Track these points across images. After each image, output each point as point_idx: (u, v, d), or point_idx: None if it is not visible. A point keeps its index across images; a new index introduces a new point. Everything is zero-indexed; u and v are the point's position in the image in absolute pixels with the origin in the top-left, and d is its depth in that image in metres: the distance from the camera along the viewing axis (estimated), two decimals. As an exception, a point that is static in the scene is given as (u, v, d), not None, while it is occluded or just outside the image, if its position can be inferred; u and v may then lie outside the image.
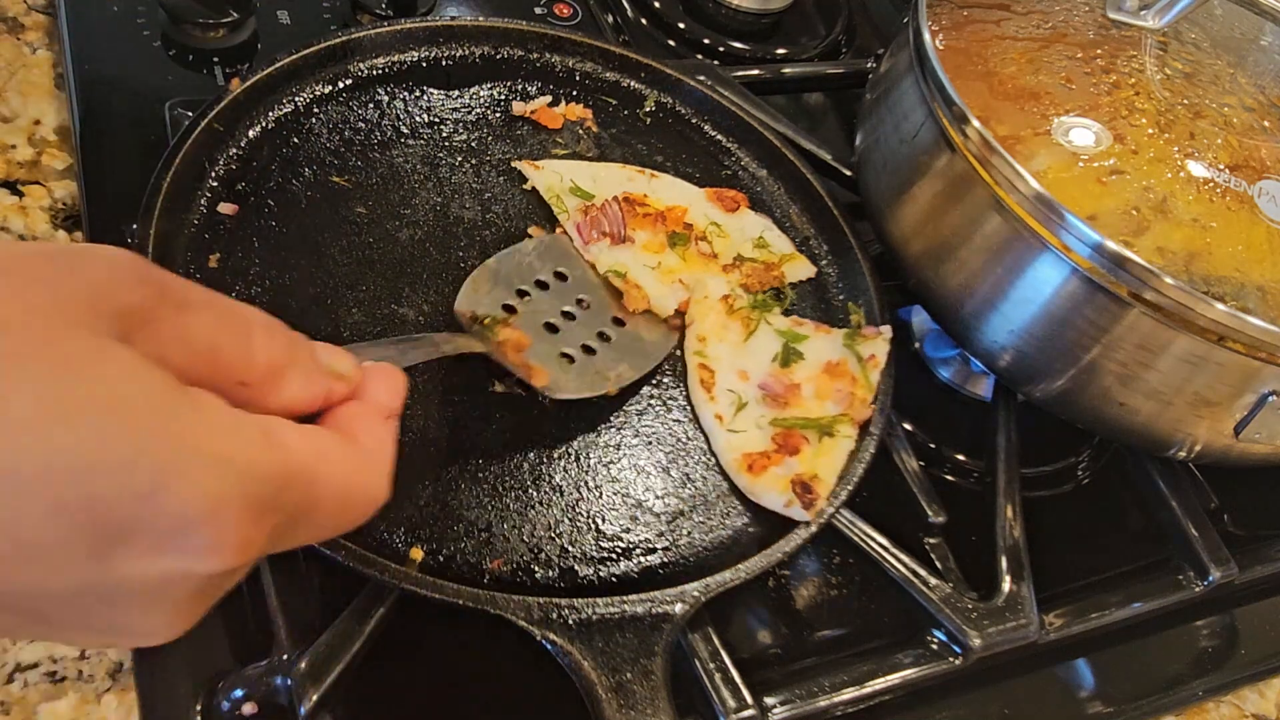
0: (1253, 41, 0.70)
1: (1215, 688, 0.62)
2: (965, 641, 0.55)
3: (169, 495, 0.28)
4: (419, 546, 0.51)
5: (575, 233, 0.65)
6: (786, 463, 0.58)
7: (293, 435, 0.32)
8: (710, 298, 0.65)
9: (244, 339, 0.33)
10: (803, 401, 0.61)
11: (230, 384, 0.33)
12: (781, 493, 0.57)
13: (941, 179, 0.60)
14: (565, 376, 0.58)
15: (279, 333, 0.35)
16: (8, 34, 0.74)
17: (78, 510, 0.27)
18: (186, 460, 0.28)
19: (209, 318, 0.32)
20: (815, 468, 0.58)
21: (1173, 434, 0.58)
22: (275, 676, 0.47)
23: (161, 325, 0.31)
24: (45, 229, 0.64)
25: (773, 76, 0.86)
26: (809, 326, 0.65)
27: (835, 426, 0.60)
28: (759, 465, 0.58)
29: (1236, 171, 0.59)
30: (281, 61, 0.66)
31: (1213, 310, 0.51)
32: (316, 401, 0.36)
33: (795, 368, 0.63)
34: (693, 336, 0.64)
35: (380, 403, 0.38)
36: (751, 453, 0.58)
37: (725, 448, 0.59)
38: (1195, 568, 0.65)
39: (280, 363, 0.34)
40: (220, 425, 0.30)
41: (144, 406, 0.28)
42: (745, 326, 0.64)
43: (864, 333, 0.65)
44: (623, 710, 0.46)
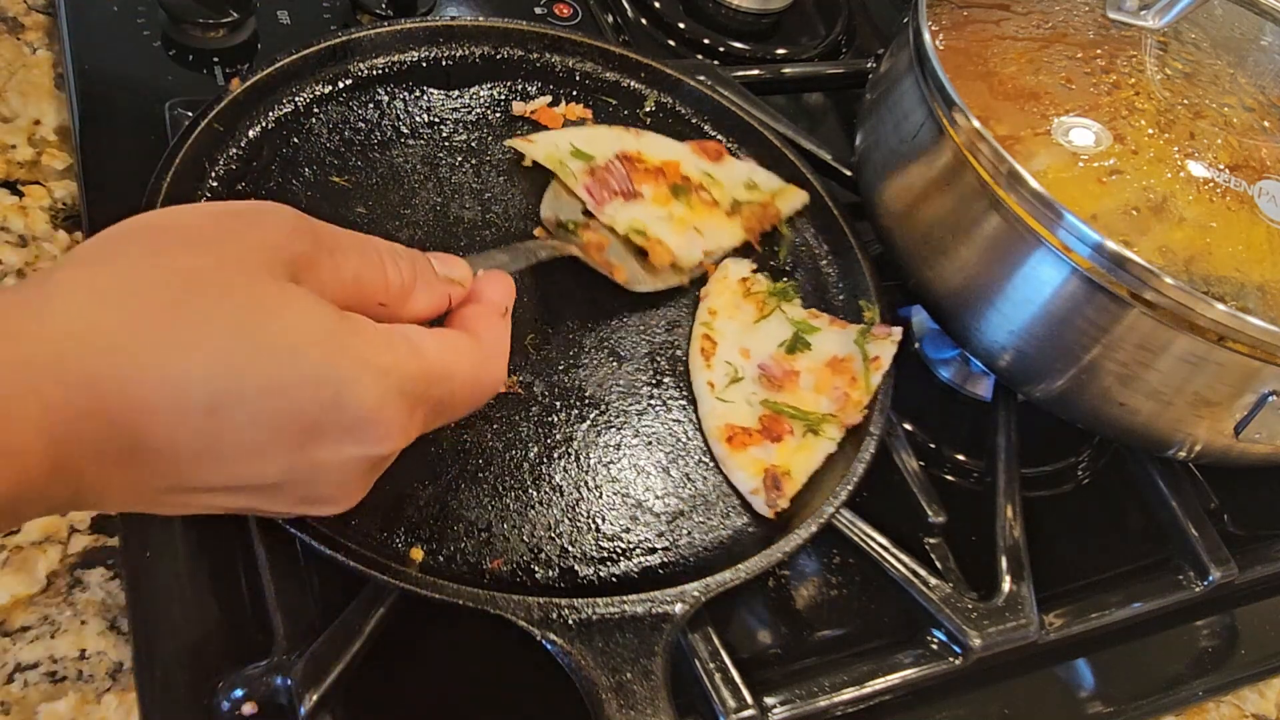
0: (1253, 41, 0.70)
1: (1215, 688, 0.62)
2: (965, 641, 0.55)
3: (348, 401, 0.36)
4: (419, 546, 0.51)
5: (586, 195, 0.65)
6: (766, 447, 0.59)
7: (429, 341, 0.39)
8: (730, 278, 0.66)
9: (380, 268, 0.40)
10: (798, 391, 0.62)
11: (373, 305, 0.40)
12: (752, 476, 0.57)
13: (941, 179, 0.60)
14: (641, 272, 0.63)
15: (404, 257, 0.42)
16: (8, 34, 0.74)
17: (285, 418, 0.35)
18: (357, 373, 0.36)
19: (353, 255, 0.40)
20: (790, 463, 0.58)
21: (1173, 434, 0.58)
22: (275, 676, 0.47)
23: (321, 267, 0.38)
24: (45, 229, 0.64)
25: (773, 76, 0.86)
26: (824, 320, 0.66)
27: (822, 426, 0.60)
28: (739, 440, 0.59)
29: (1236, 171, 0.59)
30: (281, 61, 0.65)
31: (1213, 310, 0.51)
32: (441, 307, 0.43)
33: (799, 356, 0.64)
34: (704, 309, 0.65)
35: (494, 301, 0.45)
36: (735, 425, 0.59)
37: (709, 413, 0.60)
38: (1195, 568, 0.64)
39: (409, 282, 0.41)
40: (376, 342, 0.37)
41: (321, 334, 0.35)
42: (759, 309, 0.65)
43: (875, 331, 0.65)
44: (623, 710, 0.46)
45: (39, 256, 0.63)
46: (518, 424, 0.57)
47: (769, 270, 0.69)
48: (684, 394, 0.62)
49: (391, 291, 0.41)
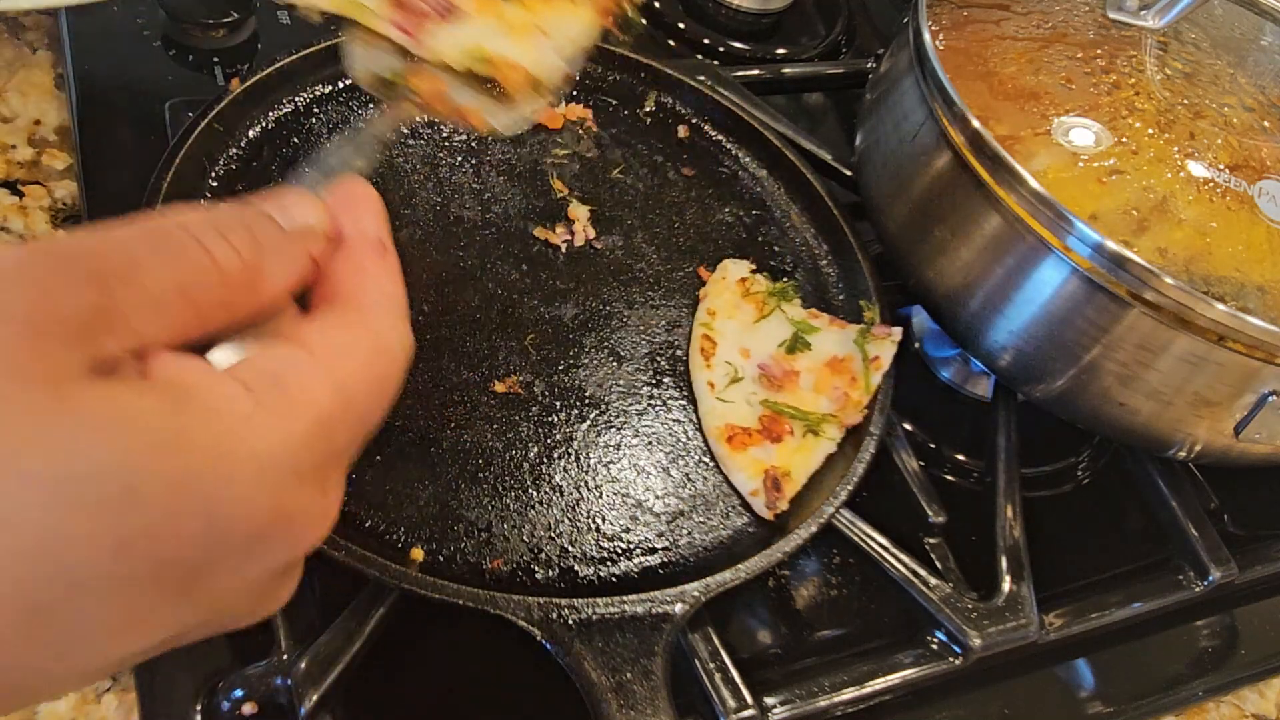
0: (1253, 41, 0.70)
1: (1215, 688, 0.62)
2: (965, 641, 0.55)
3: (225, 523, 0.26)
4: (419, 546, 0.51)
5: (396, 31, 0.51)
6: (766, 448, 0.59)
7: (306, 370, 0.29)
8: (728, 279, 0.66)
9: (202, 259, 0.28)
10: (798, 391, 0.62)
11: (215, 310, 0.29)
12: (752, 478, 0.57)
13: (941, 179, 0.60)
14: (498, 105, 0.49)
15: (233, 226, 0.29)
16: (8, 34, 0.74)
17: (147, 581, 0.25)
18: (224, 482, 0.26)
19: (159, 262, 0.27)
20: (790, 464, 0.58)
21: (1173, 434, 0.58)
22: (275, 676, 0.47)
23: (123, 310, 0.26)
24: (45, 229, 0.64)
25: (773, 76, 0.86)
26: (824, 320, 0.66)
27: (822, 426, 0.60)
28: (739, 441, 0.59)
29: (1236, 171, 0.59)
30: (281, 61, 0.66)
31: (1213, 310, 0.51)
32: (305, 272, 0.31)
33: (799, 356, 0.64)
34: (703, 310, 0.65)
35: (365, 237, 0.33)
36: (735, 426, 0.59)
37: (709, 413, 0.60)
38: (1195, 568, 0.64)
39: (251, 257, 0.29)
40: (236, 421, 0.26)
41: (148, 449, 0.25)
42: (759, 309, 0.65)
43: (875, 331, 0.65)
44: (623, 710, 0.46)
45: (39, 256, 0.63)
46: (518, 424, 0.57)
47: (769, 270, 0.69)
48: (684, 394, 0.62)
49: (231, 281, 0.29)
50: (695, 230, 0.70)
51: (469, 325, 0.61)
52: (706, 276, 0.67)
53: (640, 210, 0.70)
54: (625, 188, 0.71)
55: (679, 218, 0.71)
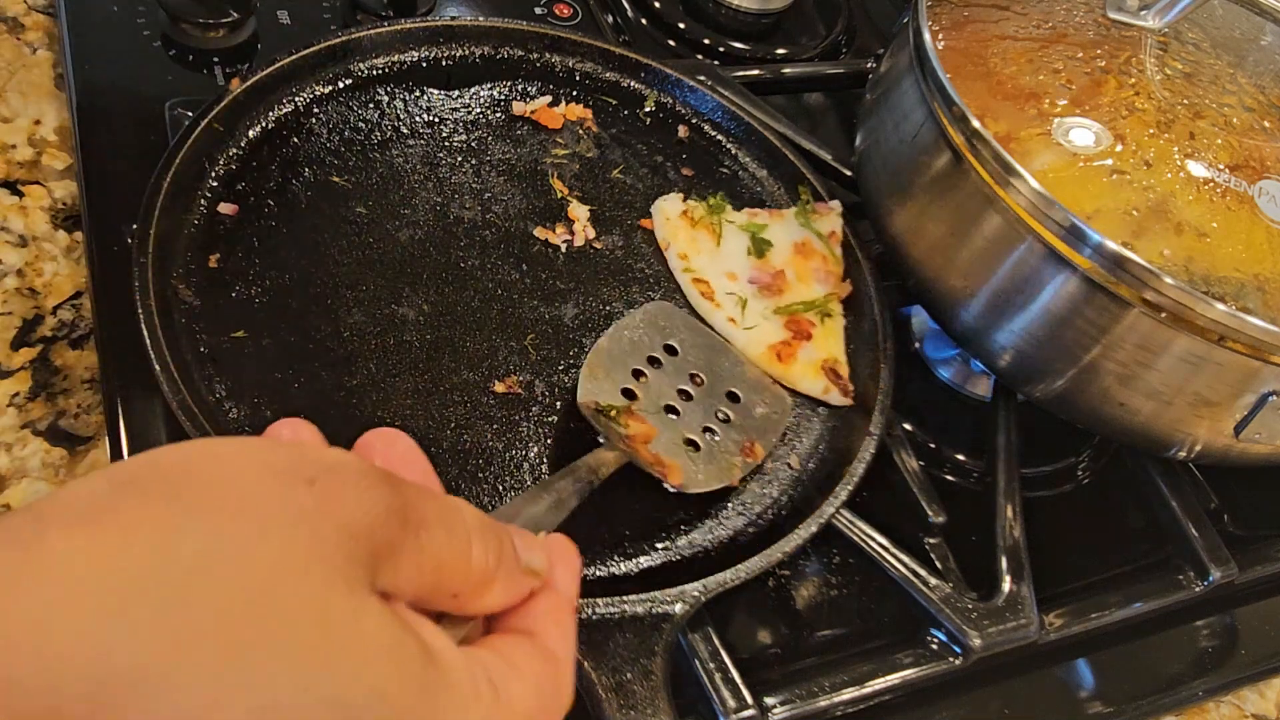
0: (1253, 41, 0.70)
1: (1215, 688, 0.62)
2: (965, 641, 0.55)
3: None
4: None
5: None
6: (805, 348, 0.63)
7: (515, 687, 0.31)
8: (672, 218, 0.68)
9: (465, 551, 0.32)
10: (791, 286, 0.66)
11: (446, 595, 0.32)
12: (816, 379, 0.63)
13: (941, 179, 0.60)
14: (695, 468, 0.56)
15: (491, 537, 0.33)
16: (8, 34, 0.74)
17: None
18: None
19: (439, 535, 0.31)
20: (830, 350, 0.64)
21: (1173, 434, 0.58)
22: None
23: (404, 555, 0.29)
24: (45, 229, 0.64)
25: (773, 76, 0.86)
26: (763, 214, 0.70)
27: (829, 305, 0.66)
28: (786, 354, 0.63)
29: (1236, 171, 0.59)
30: (281, 61, 0.66)
31: (1213, 310, 0.51)
32: (515, 602, 0.34)
33: (770, 256, 0.68)
34: (674, 257, 0.67)
35: (567, 594, 0.37)
36: (774, 343, 0.63)
37: (748, 345, 0.63)
38: (1195, 568, 0.64)
39: (492, 569, 0.33)
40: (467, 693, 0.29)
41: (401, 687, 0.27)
42: (712, 233, 0.68)
43: (816, 208, 0.69)
44: (623, 710, 0.46)
45: (39, 256, 0.63)
46: (518, 424, 0.57)
47: (694, 192, 0.71)
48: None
49: (471, 580, 0.32)
50: (695, 230, 0.70)
51: (469, 325, 0.60)
52: (649, 225, 0.69)
53: (640, 210, 0.70)
54: (625, 188, 0.71)
55: (679, 218, 0.71)
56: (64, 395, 0.57)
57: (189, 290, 0.56)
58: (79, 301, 0.62)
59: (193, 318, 0.55)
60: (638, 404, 0.57)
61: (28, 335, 0.59)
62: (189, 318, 0.55)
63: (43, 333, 0.60)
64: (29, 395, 0.57)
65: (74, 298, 0.62)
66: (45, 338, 0.60)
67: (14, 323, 0.60)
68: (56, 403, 0.57)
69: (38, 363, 0.58)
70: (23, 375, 0.58)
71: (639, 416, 0.56)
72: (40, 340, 0.59)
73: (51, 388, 0.58)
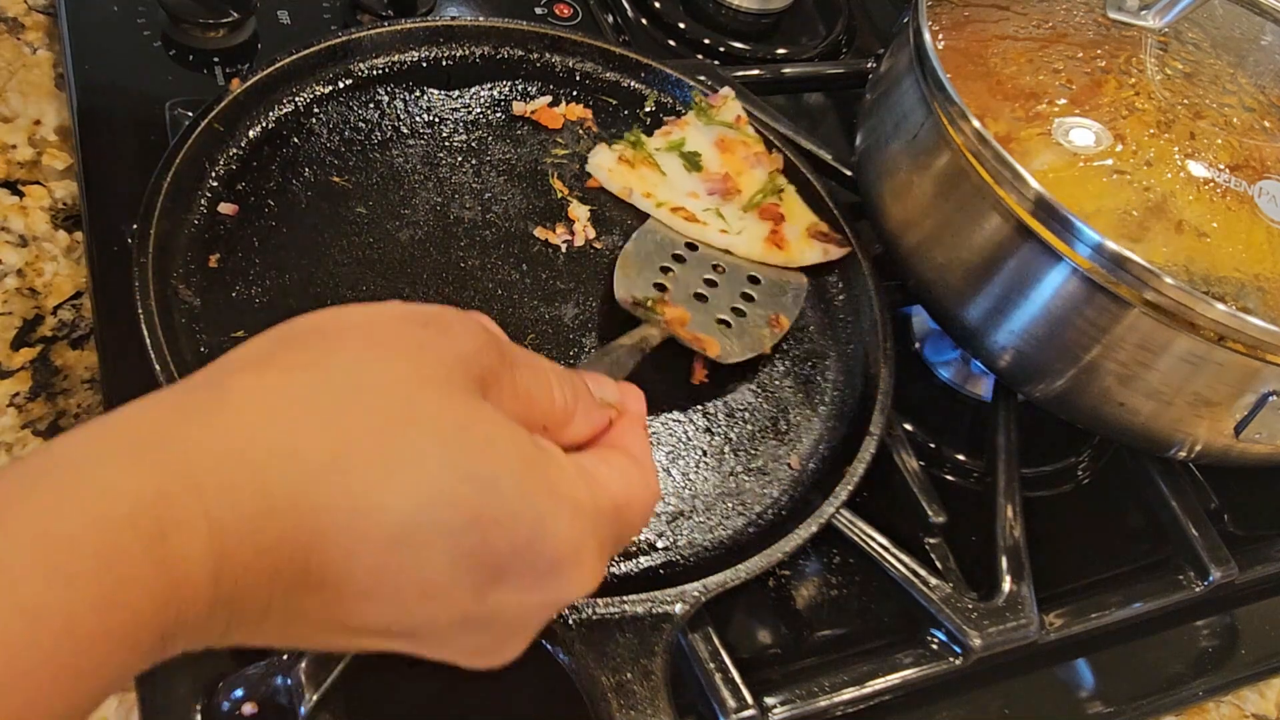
0: (1253, 41, 0.70)
1: (1215, 688, 0.62)
2: (965, 641, 0.55)
3: (544, 543, 0.32)
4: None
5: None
6: (787, 226, 0.68)
7: (603, 471, 0.37)
8: (613, 168, 0.70)
9: (548, 388, 0.37)
10: (738, 181, 0.70)
11: (537, 428, 0.37)
12: (813, 247, 0.68)
13: (941, 179, 0.60)
14: (729, 342, 0.62)
15: (566, 378, 0.39)
16: (8, 34, 0.74)
17: (473, 558, 0.31)
18: (555, 511, 0.33)
19: (527, 372, 0.36)
20: (805, 218, 0.70)
21: (1173, 434, 0.58)
22: (275, 676, 0.47)
23: (503, 383, 0.35)
24: (45, 229, 0.64)
25: (773, 76, 0.86)
26: (672, 129, 0.72)
27: (776, 182, 0.70)
28: (777, 239, 0.67)
29: (1236, 171, 0.59)
30: (281, 61, 0.65)
31: (1213, 310, 0.51)
32: (597, 432, 0.41)
33: (704, 164, 0.70)
34: (640, 199, 0.69)
35: (639, 414, 0.43)
36: (765, 236, 0.67)
37: (747, 246, 0.67)
38: (1195, 568, 0.64)
39: (572, 405, 0.38)
40: (567, 473, 0.34)
41: (519, 463, 0.32)
42: (653, 166, 0.70)
43: (711, 101, 0.72)
44: (623, 710, 0.46)
45: (39, 256, 0.63)
46: (518, 424, 0.57)
47: (615, 134, 0.73)
48: (683, 394, 0.62)
49: (555, 414, 0.38)
50: (695, 230, 0.70)
51: (469, 325, 0.60)
52: (597, 183, 0.70)
53: (640, 210, 0.70)
54: (625, 188, 0.71)
55: (679, 218, 0.71)
56: (64, 395, 0.57)
57: (189, 290, 0.56)
58: (79, 301, 0.62)
59: (193, 318, 0.55)
60: (669, 294, 0.63)
61: (28, 335, 0.59)
62: (189, 318, 0.55)
63: (43, 333, 0.60)
64: (29, 395, 0.57)
65: (74, 298, 0.62)
66: (45, 338, 0.60)
67: (14, 323, 0.60)
68: (56, 403, 0.57)
69: (38, 363, 0.58)
70: (23, 375, 0.58)
71: (672, 304, 0.62)
72: (40, 340, 0.59)
73: (51, 388, 0.58)
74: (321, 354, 0.32)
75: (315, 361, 0.31)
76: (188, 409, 0.29)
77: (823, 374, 0.66)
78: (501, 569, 0.32)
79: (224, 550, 0.27)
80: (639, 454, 0.40)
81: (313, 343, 0.32)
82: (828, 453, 0.61)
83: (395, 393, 0.31)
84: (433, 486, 0.30)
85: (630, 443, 0.40)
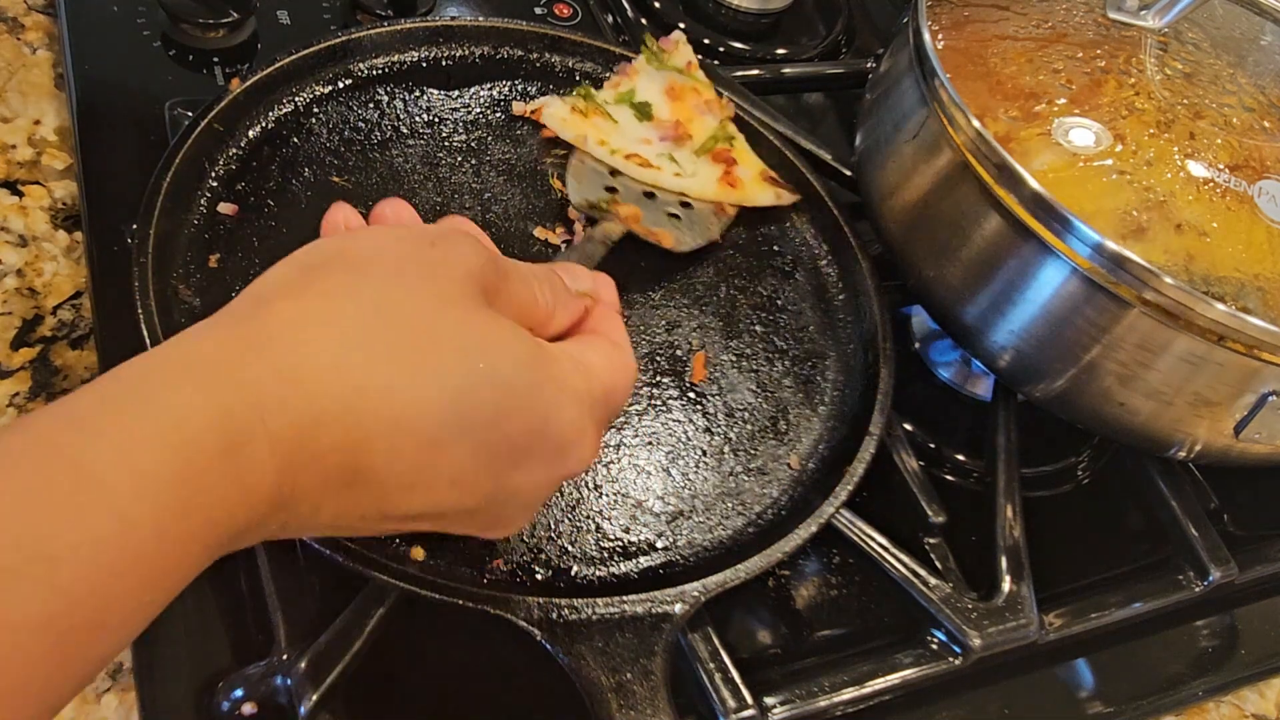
0: (1253, 41, 0.70)
1: (1215, 688, 0.62)
2: (965, 641, 0.55)
3: (554, 427, 0.37)
4: (419, 546, 0.51)
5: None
6: (738, 168, 0.69)
7: (591, 357, 0.41)
8: (567, 118, 0.71)
9: (533, 291, 0.42)
10: (689, 127, 0.70)
11: (528, 327, 0.40)
12: (762, 189, 0.69)
13: (941, 179, 0.60)
14: (681, 233, 0.66)
15: (546, 278, 0.43)
16: (8, 34, 0.74)
17: (498, 448, 0.36)
18: (560, 399, 0.38)
19: (517, 280, 0.41)
20: (756, 164, 0.71)
21: (1173, 434, 0.58)
22: (275, 676, 0.47)
23: (501, 294, 0.39)
24: (45, 229, 0.64)
25: (773, 76, 0.86)
26: (618, 76, 0.73)
27: (727, 129, 0.71)
28: (730, 180, 0.68)
29: (1236, 171, 0.59)
30: (281, 61, 0.65)
31: (1213, 310, 0.51)
32: (576, 322, 0.44)
33: (655, 113, 0.71)
34: (595, 147, 0.69)
35: (613, 301, 0.47)
36: (719, 178, 0.68)
37: (701, 188, 0.68)
38: (1195, 568, 0.64)
39: (552, 303, 0.43)
40: (565, 367, 0.39)
41: (528, 361, 0.37)
42: (605, 116, 0.71)
43: (661, 45, 0.73)
44: (623, 710, 0.46)
45: (39, 256, 0.63)
46: (518, 424, 0.57)
47: (566, 89, 0.73)
48: (684, 394, 0.62)
49: (539, 314, 0.42)
50: (695, 230, 0.70)
51: (469, 325, 0.61)
52: (551, 132, 0.71)
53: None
54: (625, 188, 0.71)
55: (679, 218, 0.71)
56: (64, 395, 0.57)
57: (189, 290, 0.56)
58: (79, 301, 0.62)
59: (193, 318, 0.55)
60: (619, 195, 0.66)
61: (28, 335, 0.59)
62: (189, 318, 0.55)
63: (43, 333, 0.60)
64: (29, 395, 0.57)
65: (74, 298, 0.62)
66: (45, 338, 0.60)
67: (14, 323, 0.60)
68: (56, 403, 0.57)
69: (38, 363, 0.58)
70: (23, 375, 0.58)
71: (624, 203, 0.65)
72: (40, 340, 0.59)
73: (51, 388, 0.58)
74: (351, 280, 0.35)
75: (347, 288, 0.35)
76: (242, 338, 0.33)
77: (823, 374, 0.66)
78: (519, 455, 0.37)
79: (284, 458, 0.31)
80: (617, 338, 0.44)
81: (339, 269, 0.36)
82: (828, 453, 0.61)
83: (421, 313, 0.35)
84: (459, 392, 0.34)
85: (609, 328, 0.45)
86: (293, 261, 0.36)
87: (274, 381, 0.32)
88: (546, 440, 0.37)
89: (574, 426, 0.38)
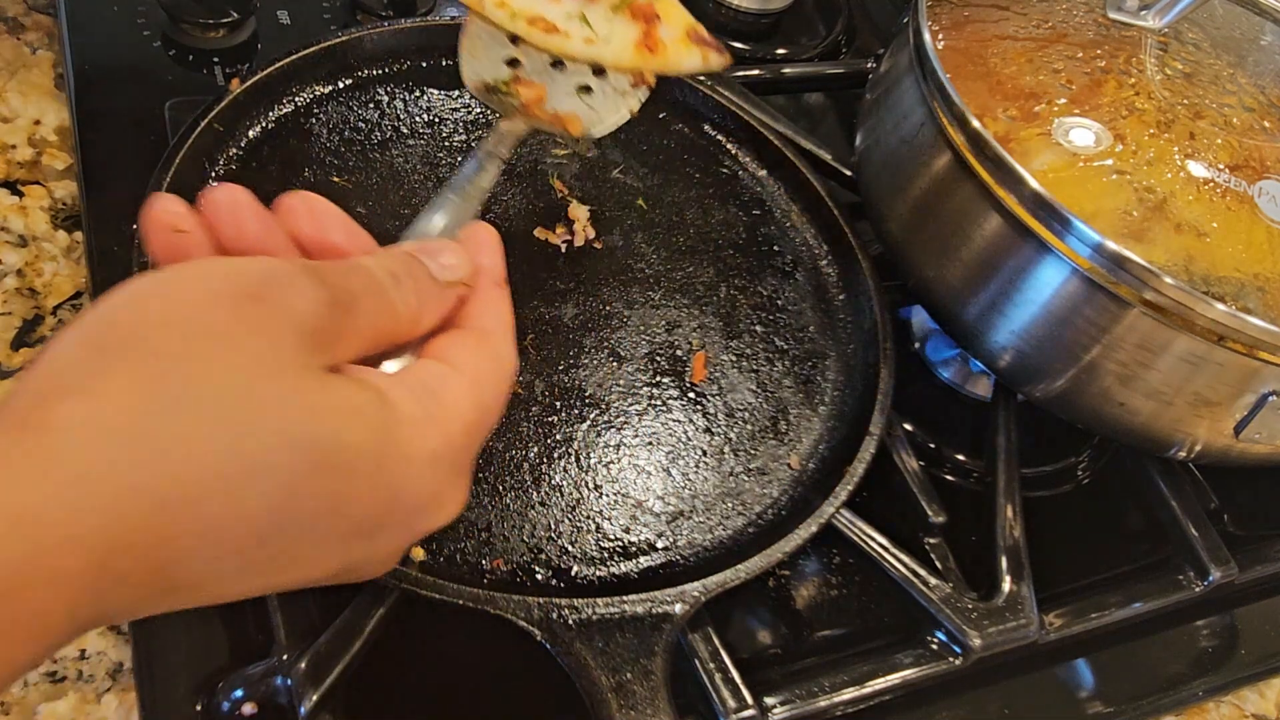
0: (1253, 41, 0.70)
1: (1215, 688, 0.62)
2: (965, 641, 0.55)
3: (405, 498, 0.34)
4: (419, 546, 0.51)
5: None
6: (659, 26, 0.56)
7: (451, 389, 0.36)
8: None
9: (389, 305, 0.36)
10: None
11: (385, 345, 0.37)
12: (691, 51, 0.56)
13: (941, 179, 0.60)
14: (593, 113, 0.55)
15: (407, 275, 0.37)
16: (8, 34, 0.74)
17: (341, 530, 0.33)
18: (411, 470, 0.34)
19: (365, 302, 0.35)
20: (682, 20, 0.57)
21: (1173, 434, 0.58)
22: (275, 676, 0.47)
23: (343, 333, 0.34)
24: (45, 229, 0.64)
25: (773, 76, 0.86)
26: None
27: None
28: (652, 43, 0.56)
29: (1236, 171, 0.59)
30: (281, 61, 0.65)
31: (1213, 310, 0.51)
32: (446, 314, 0.39)
33: None
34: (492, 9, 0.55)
35: (491, 273, 0.41)
36: (635, 40, 0.55)
37: (615, 54, 0.55)
38: (1195, 568, 0.64)
39: (415, 305, 0.37)
40: (418, 424, 0.34)
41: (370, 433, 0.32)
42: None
43: None
44: (623, 710, 0.46)
45: (39, 256, 0.63)
46: (518, 424, 0.57)
47: None
48: (684, 394, 0.62)
49: (401, 326, 0.37)
50: (695, 230, 0.70)
51: (469, 325, 0.60)
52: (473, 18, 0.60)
53: (640, 210, 0.70)
54: (625, 188, 0.71)
55: (679, 217, 0.71)
56: (64, 395, 0.57)
57: (189, 290, 0.56)
58: (79, 301, 0.62)
59: (193, 318, 0.55)
60: (522, 70, 0.55)
61: (28, 335, 0.59)
62: (189, 318, 0.55)
63: (43, 333, 0.60)
64: (29, 395, 0.57)
65: (74, 298, 0.62)
66: (45, 338, 0.60)
67: (14, 323, 0.60)
68: (56, 403, 0.57)
69: (38, 363, 0.58)
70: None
71: (527, 81, 0.55)
72: (40, 340, 0.59)
73: (51, 388, 0.58)
74: (151, 370, 0.29)
75: (145, 381, 0.29)
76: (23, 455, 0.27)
77: (823, 374, 0.66)
78: (370, 530, 0.34)
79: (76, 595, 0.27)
80: (492, 325, 0.40)
81: (135, 354, 0.30)
82: (828, 453, 0.61)
83: (236, 398, 0.30)
84: (286, 490, 0.30)
85: (483, 317, 0.40)
86: (83, 337, 0.30)
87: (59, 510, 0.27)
88: (399, 511, 0.34)
89: (428, 493, 0.35)
